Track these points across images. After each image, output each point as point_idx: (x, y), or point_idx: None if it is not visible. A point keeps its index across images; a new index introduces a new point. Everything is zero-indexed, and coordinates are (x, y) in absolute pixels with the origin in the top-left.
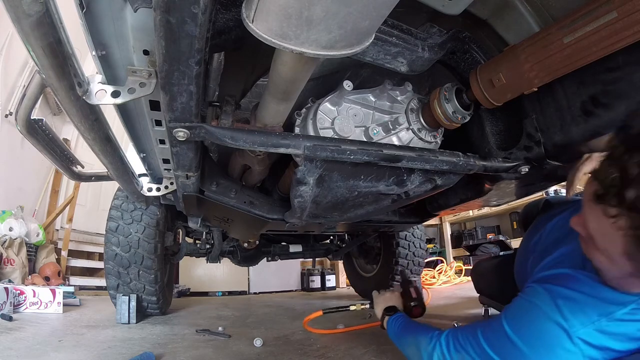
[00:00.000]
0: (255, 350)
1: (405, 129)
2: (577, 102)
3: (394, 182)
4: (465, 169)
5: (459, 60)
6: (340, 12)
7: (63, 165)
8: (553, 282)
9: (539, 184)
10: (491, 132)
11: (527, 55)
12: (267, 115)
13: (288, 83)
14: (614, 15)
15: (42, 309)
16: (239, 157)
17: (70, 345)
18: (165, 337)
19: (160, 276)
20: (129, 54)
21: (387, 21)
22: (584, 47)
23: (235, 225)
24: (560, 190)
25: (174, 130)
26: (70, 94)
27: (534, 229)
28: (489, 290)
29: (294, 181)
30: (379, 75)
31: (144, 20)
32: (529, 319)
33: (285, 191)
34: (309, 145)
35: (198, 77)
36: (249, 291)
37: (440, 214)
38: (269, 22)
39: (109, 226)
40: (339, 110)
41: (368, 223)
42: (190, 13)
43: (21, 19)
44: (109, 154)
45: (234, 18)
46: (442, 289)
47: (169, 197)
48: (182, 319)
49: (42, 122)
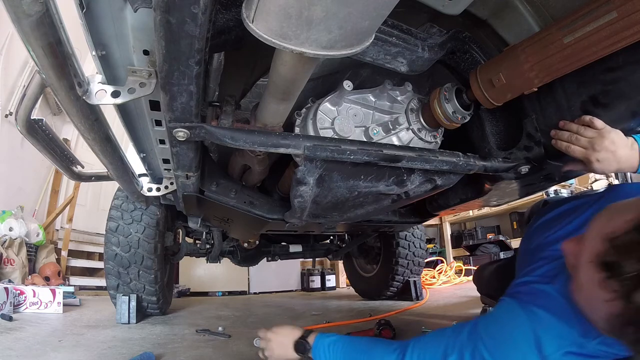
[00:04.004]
0: (256, 350)
1: (405, 129)
2: (577, 102)
3: (394, 182)
4: (465, 169)
5: (459, 60)
6: (340, 13)
7: (63, 165)
8: (531, 300)
9: (539, 184)
10: (491, 132)
11: (527, 55)
12: (267, 115)
13: (288, 83)
14: (614, 15)
15: (42, 309)
16: (239, 157)
17: (70, 345)
18: (165, 337)
19: (160, 276)
20: (129, 54)
21: (387, 21)
22: (584, 47)
23: (235, 225)
24: (560, 190)
25: (174, 130)
26: (70, 94)
27: (527, 230)
28: (490, 290)
29: (294, 181)
30: (379, 75)
31: (144, 20)
32: (507, 347)
33: (285, 191)
34: (309, 145)
35: (198, 77)
36: (249, 291)
37: (440, 214)
38: (269, 22)
39: (109, 226)
40: (339, 110)
41: (368, 223)
42: (190, 13)
43: (21, 19)
44: (109, 154)
45: (234, 18)
46: (442, 289)
47: (169, 197)
48: (182, 319)
49: (42, 122)
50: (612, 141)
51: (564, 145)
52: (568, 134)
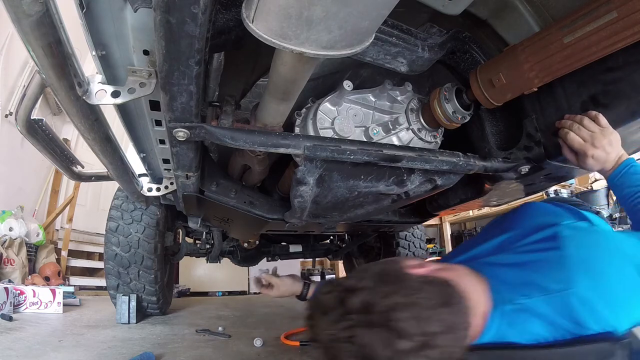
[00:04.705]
0: (255, 350)
1: (405, 129)
2: (577, 102)
3: (394, 182)
4: (465, 169)
5: (459, 60)
6: (340, 13)
7: (63, 165)
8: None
9: (539, 184)
10: (491, 132)
11: (527, 55)
12: (267, 115)
13: (288, 83)
14: (614, 15)
15: (42, 309)
16: (239, 157)
17: (70, 345)
18: (165, 337)
19: (160, 276)
20: (129, 54)
21: (387, 21)
22: (584, 47)
23: (235, 225)
24: (560, 190)
25: (174, 130)
26: (70, 94)
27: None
28: None
29: (294, 181)
30: (379, 75)
31: (144, 20)
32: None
33: (285, 191)
34: (309, 145)
35: (198, 77)
36: (249, 291)
37: (440, 214)
38: (269, 22)
39: (109, 226)
40: (339, 110)
41: (368, 223)
42: (190, 13)
43: (21, 19)
44: (109, 154)
45: (234, 18)
46: None
47: (169, 197)
48: (182, 319)
49: (42, 122)
50: (610, 142)
51: (564, 132)
52: (571, 122)
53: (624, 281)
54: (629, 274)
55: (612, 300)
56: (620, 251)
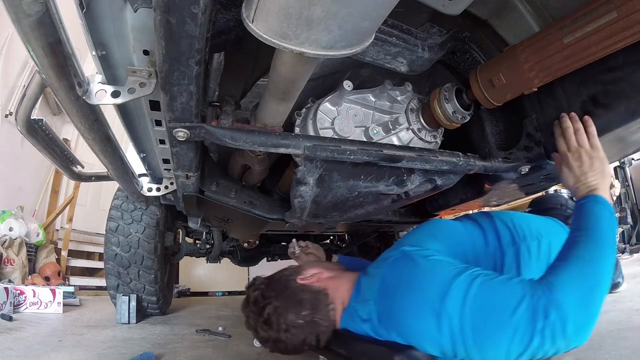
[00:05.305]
0: (255, 350)
1: (405, 129)
2: (577, 102)
3: (394, 182)
4: (465, 169)
5: (459, 60)
6: (340, 13)
7: (63, 165)
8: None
9: (539, 184)
10: (491, 132)
11: (527, 55)
12: (267, 115)
13: (288, 83)
14: (614, 15)
15: (42, 309)
16: (239, 157)
17: (70, 345)
18: (165, 337)
19: (160, 276)
20: (129, 54)
21: (387, 21)
22: (584, 47)
23: (235, 225)
24: (560, 190)
25: (174, 130)
26: (70, 94)
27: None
28: None
29: (294, 181)
30: (379, 75)
31: (144, 20)
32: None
33: (285, 191)
34: (309, 145)
35: (198, 77)
36: None
37: (440, 214)
38: (269, 22)
39: (109, 226)
40: (339, 110)
41: (368, 223)
42: (190, 13)
43: (21, 19)
44: (109, 154)
45: (234, 18)
46: None
47: (169, 197)
48: (182, 319)
49: (42, 122)
50: (592, 165)
51: (557, 132)
52: (567, 126)
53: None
54: (412, 300)
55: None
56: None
